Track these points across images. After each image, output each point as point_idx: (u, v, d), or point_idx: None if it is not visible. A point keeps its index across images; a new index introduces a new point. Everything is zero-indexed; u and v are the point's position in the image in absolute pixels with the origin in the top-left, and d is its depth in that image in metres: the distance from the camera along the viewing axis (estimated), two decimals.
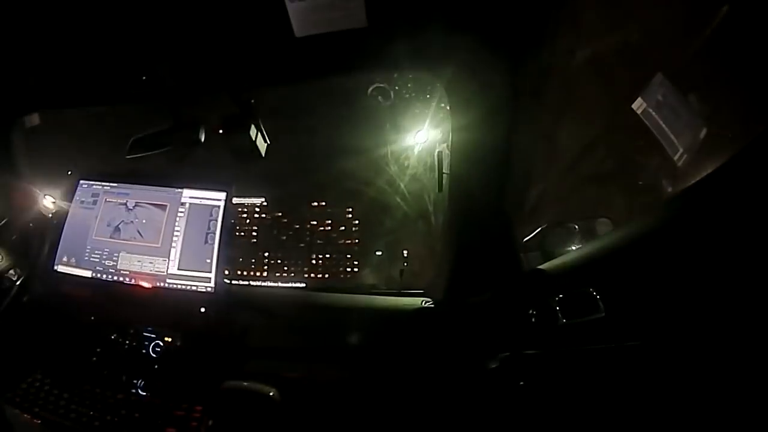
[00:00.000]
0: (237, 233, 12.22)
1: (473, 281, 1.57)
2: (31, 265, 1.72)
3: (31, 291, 1.70)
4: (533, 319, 1.42)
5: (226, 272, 1.61)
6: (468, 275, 1.59)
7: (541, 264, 1.56)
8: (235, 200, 1.67)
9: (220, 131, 1.55)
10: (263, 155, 1.61)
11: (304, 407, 1.46)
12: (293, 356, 1.55)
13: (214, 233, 1.60)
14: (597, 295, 1.30)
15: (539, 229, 1.55)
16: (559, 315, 1.36)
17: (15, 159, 1.82)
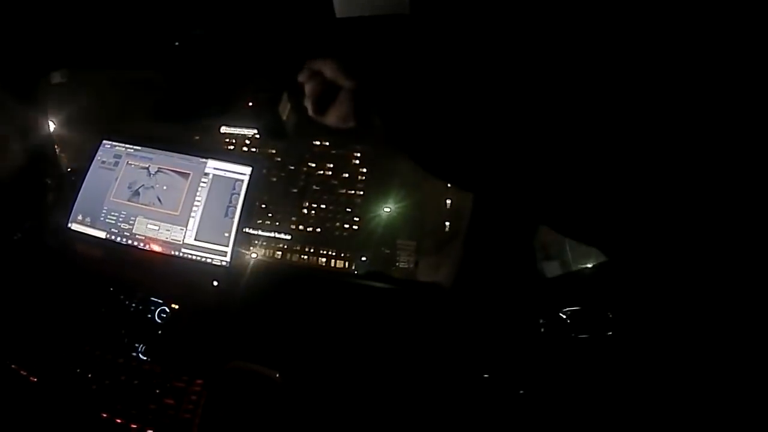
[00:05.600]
0: None
1: (487, 280, 1.69)
2: (44, 220, 1.82)
3: (42, 246, 1.80)
4: (542, 330, 1.57)
5: None
6: (483, 274, 1.72)
7: (558, 274, 1.70)
8: (223, 129, 1.73)
9: (250, 104, 1.64)
10: (289, 134, 1.71)
11: (307, 393, 1.55)
12: (301, 340, 1.65)
13: (235, 207, 1.69)
14: (610, 313, 1.45)
15: (561, 238, 1.66)
16: (569, 329, 1.51)
17: (39, 114, 1.90)
